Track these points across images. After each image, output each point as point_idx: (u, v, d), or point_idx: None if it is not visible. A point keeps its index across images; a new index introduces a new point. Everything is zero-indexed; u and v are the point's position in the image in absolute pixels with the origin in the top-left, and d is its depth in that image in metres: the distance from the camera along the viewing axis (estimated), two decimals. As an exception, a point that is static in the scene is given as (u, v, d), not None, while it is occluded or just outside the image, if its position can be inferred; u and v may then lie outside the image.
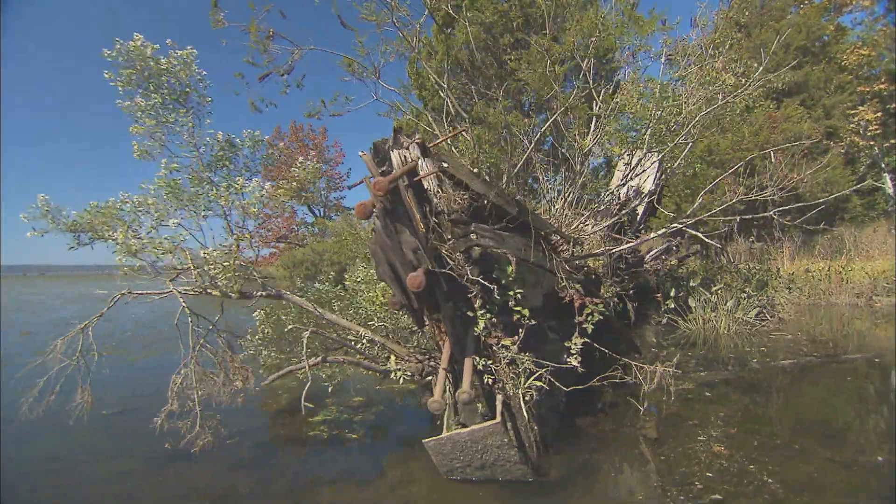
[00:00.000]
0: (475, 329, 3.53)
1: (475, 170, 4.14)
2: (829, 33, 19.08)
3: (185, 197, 3.30)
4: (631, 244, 5.03)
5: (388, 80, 4.77)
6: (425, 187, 3.81)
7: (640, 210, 9.24)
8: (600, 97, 5.33)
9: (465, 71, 10.91)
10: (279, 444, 4.18)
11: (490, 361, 3.54)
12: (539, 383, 3.51)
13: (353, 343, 3.87)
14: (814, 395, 5.10)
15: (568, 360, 4.13)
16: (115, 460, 3.97)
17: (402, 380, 3.64)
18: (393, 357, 3.71)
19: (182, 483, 3.58)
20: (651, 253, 13.08)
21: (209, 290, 3.59)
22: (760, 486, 3.10)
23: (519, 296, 3.64)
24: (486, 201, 3.79)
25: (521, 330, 3.58)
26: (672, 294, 9.39)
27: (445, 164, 3.66)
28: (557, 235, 4.94)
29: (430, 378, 4.15)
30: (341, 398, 5.25)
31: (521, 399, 3.51)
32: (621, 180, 5.89)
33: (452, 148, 4.96)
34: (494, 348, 3.59)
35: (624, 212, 5.49)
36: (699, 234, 5.07)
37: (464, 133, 4.15)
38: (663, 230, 4.94)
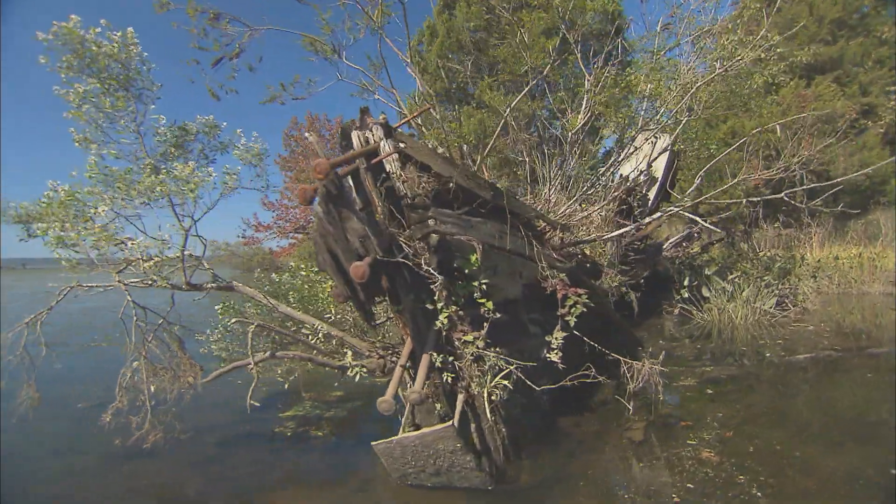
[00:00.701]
0: (437, 323, 3.26)
1: (440, 150, 3.84)
2: (869, 3, 17.79)
3: (123, 185, 3.11)
4: (623, 230, 4.65)
5: (362, 60, 4.49)
6: (388, 170, 3.56)
7: (652, 195, 8.72)
8: (591, 75, 4.91)
9: (468, 52, 10.51)
10: (241, 441, 4.00)
11: (452, 358, 3.27)
12: (505, 382, 3.21)
13: (308, 337, 3.65)
14: (827, 394, 4.65)
15: (548, 355, 3.83)
16: (72, 456, 3.86)
17: (357, 377, 3.41)
18: (350, 352, 3.46)
19: (132, 480, 3.44)
20: (671, 240, 12.49)
21: (158, 283, 3.42)
22: (747, 500, 2.75)
23: (484, 286, 3.34)
24: (451, 184, 3.49)
25: (485, 323, 3.29)
26: (686, 283, 8.90)
27: (403, 145, 3.38)
28: (543, 221, 4.59)
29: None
30: (319, 392, 5.06)
31: (486, 399, 3.23)
32: (616, 161, 5.47)
33: (423, 130, 4.65)
34: (457, 343, 3.31)
35: (615, 194, 5.08)
36: (699, 219, 4.65)
37: (431, 111, 3.86)
38: (659, 214, 4.54)
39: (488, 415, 3.21)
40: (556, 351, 3.78)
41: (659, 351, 6.33)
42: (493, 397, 3.25)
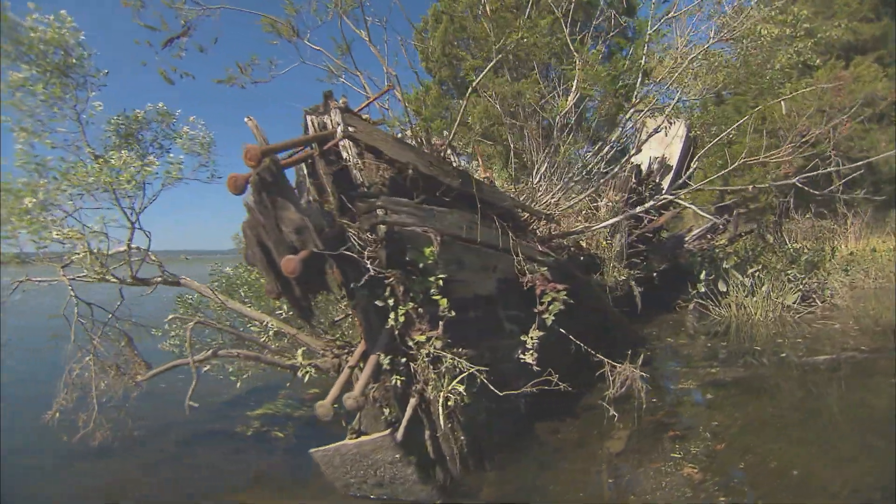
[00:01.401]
0: (389, 321, 3.01)
1: (399, 135, 3.57)
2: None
3: (60, 174, 2.97)
4: (614, 220, 4.28)
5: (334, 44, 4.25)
6: (344, 157, 3.33)
7: (666, 184, 8.22)
8: (585, 54, 4.52)
9: (474, 39, 10.16)
10: (201, 441, 3.86)
11: (405, 359, 3.02)
12: (460, 388, 2.93)
13: (259, 335, 3.47)
14: (840, 402, 4.18)
15: (522, 356, 3.53)
16: (38, 456, 3.78)
17: (307, 377, 3.20)
18: (300, 351, 3.25)
19: (85, 480, 3.35)
20: (694, 232, 11.89)
21: (106, 277, 3.28)
22: (722, 527, 2.41)
23: (441, 282, 3.07)
24: (410, 170, 3.23)
25: (441, 322, 3.02)
26: (702, 277, 8.37)
27: (352, 129, 3.13)
28: (524, 210, 4.26)
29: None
30: (296, 389, 4.88)
31: (441, 404, 2.96)
32: (605, 146, 5.06)
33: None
34: (410, 343, 3.05)
35: (600, 182, 4.68)
36: (694, 207, 4.25)
37: (395, 93, 3.61)
38: (651, 203, 4.16)
39: (442, 421, 2.94)
40: (531, 352, 3.48)
41: (664, 349, 5.96)
42: (449, 402, 2.98)
